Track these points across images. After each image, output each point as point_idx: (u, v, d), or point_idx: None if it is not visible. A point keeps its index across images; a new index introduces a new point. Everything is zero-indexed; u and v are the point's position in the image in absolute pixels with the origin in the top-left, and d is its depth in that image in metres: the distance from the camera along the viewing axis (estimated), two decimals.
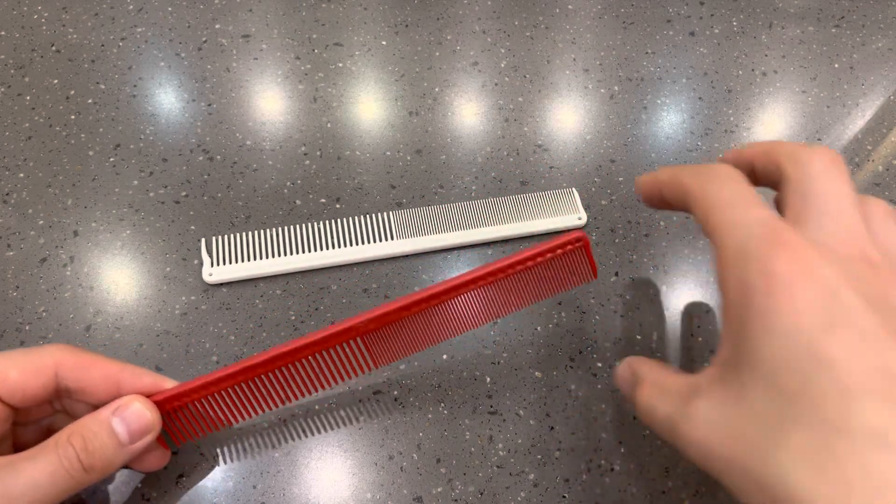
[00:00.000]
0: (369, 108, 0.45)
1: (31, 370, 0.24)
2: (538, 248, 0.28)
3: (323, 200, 0.40)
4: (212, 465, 0.31)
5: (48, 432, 0.28)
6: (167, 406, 0.27)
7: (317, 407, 0.32)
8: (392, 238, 0.38)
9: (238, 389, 0.28)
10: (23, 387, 0.24)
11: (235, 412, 0.28)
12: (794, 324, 0.18)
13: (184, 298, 0.36)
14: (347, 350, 0.28)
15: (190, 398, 0.27)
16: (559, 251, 0.28)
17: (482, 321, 0.29)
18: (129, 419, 0.25)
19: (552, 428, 0.32)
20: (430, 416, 0.32)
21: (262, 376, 0.27)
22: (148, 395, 0.26)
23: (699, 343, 0.35)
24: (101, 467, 0.24)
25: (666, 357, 0.35)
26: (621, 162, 0.43)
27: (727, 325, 0.20)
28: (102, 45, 0.48)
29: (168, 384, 0.27)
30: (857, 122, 0.46)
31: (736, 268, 0.20)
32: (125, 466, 0.28)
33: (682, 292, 0.37)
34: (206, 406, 0.28)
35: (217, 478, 0.30)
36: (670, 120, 0.45)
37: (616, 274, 0.38)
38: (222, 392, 0.27)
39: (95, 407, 0.26)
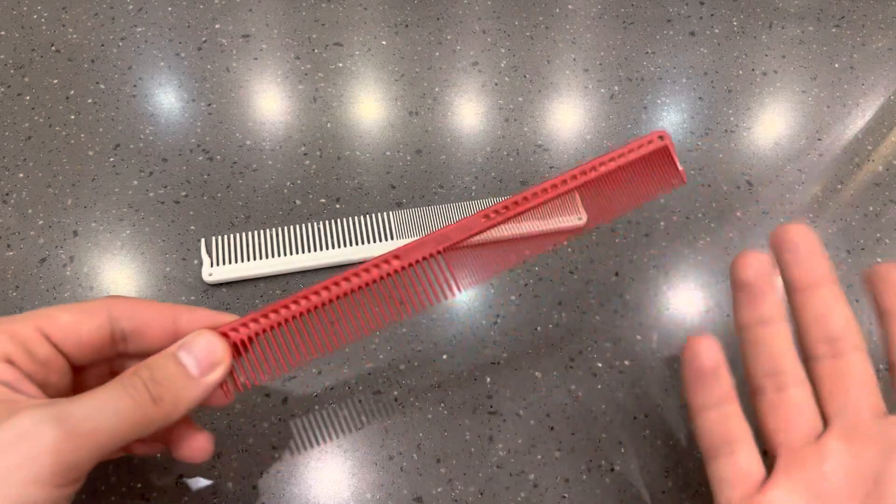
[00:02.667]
0: (369, 107, 0.45)
1: (84, 311, 0.23)
2: (617, 150, 0.26)
3: (323, 200, 0.40)
4: (212, 465, 0.31)
5: None
6: (232, 338, 0.25)
7: (316, 407, 0.32)
8: (392, 238, 0.38)
9: (312, 317, 0.25)
10: (76, 329, 0.23)
11: (309, 346, 0.25)
12: None
13: (183, 298, 0.36)
14: (429, 270, 0.25)
15: (259, 326, 0.25)
16: (641, 150, 0.26)
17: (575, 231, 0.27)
18: (196, 350, 0.23)
19: (552, 428, 0.32)
20: (429, 416, 0.32)
21: (339, 299, 0.25)
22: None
23: None
24: (170, 399, 0.22)
25: (666, 357, 0.35)
26: None
27: None
28: (102, 45, 0.48)
29: (227, 318, 0.25)
30: (858, 121, 0.46)
31: None
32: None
33: (682, 292, 0.37)
34: (276, 340, 0.25)
35: (217, 478, 0.30)
36: (670, 120, 0.45)
37: (616, 274, 0.38)
38: (295, 319, 0.25)
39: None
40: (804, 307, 0.26)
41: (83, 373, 0.24)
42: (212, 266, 0.37)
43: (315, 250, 0.37)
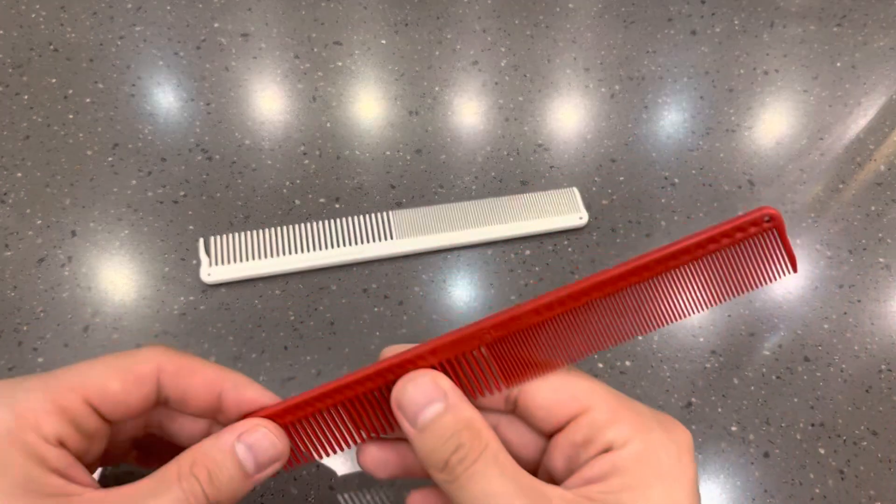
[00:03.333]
0: (369, 107, 0.45)
1: (133, 380, 0.22)
2: (713, 231, 0.21)
3: (322, 200, 0.40)
4: None
5: (134, 440, 0.25)
6: (280, 421, 0.23)
7: None
8: (392, 238, 0.38)
9: (362, 403, 0.23)
10: (125, 399, 0.22)
11: (355, 431, 0.23)
12: None
13: (182, 299, 0.36)
14: (472, 362, 0.22)
15: (307, 412, 0.23)
16: (740, 234, 0.21)
17: (642, 328, 0.23)
18: (256, 447, 0.22)
19: None
20: None
21: (385, 389, 0.23)
22: (257, 411, 0.23)
23: (700, 343, 0.35)
24: (227, 499, 0.21)
25: (666, 357, 0.35)
26: (622, 161, 0.43)
27: None
28: (101, 44, 0.47)
29: (273, 399, 0.23)
30: (859, 121, 0.46)
31: None
32: None
33: None
34: (322, 425, 0.23)
35: None
36: (671, 119, 0.45)
37: None
38: (343, 406, 0.23)
39: (193, 417, 0.23)
40: None
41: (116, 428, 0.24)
42: (210, 266, 0.36)
43: (314, 250, 0.37)
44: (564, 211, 0.39)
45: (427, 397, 0.21)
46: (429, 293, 0.36)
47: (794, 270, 0.22)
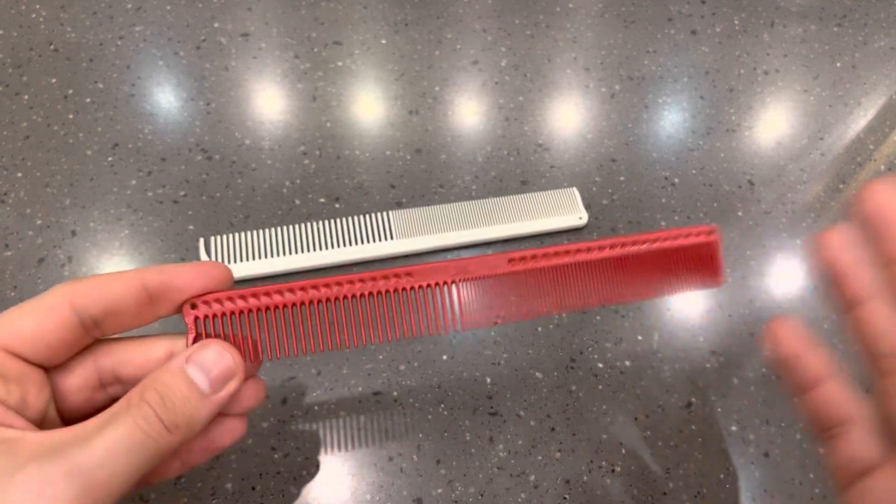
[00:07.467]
0: (369, 107, 0.45)
1: (43, 312, 0.20)
2: (664, 232, 0.25)
3: (322, 200, 0.40)
4: (210, 465, 0.30)
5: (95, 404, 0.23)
6: (216, 310, 0.22)
7: (316, 408, 0.32)
8: (392, 238, 0.38)
9: (306, 310, 0.23)
10: (41, 334, 0.20)
11: (293, 342, 0.23)
12: None
13: None
14: (438, 297, 0.24)
15: (248, 305, 0.23)
16: (683, 239, 0.25)
17: (595, 300, 0.25)
18: (206, 364, 0.21)
19: (553, 429, 0.32)
20: (429, 416, 0.32)
21: (339, 301, 0.23)
22: (198, 296, 0.22)
23: (700, 343, 0.35)
24: (185, 424, 0.20)
25: (666, 357, 0.35)
26: (622, 161, 0.43)
27: None
28: (101, 44, 0.47)
29: (198, 277, 0.22)
30: (860, 121, 0.46)
31: None
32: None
33: (683, 292, 0.37)
34: (264, 325, 0.23)
35: (216, 479, 0.30)
36: (672, 119, 0.45)
37: None
38: (287, 309, 0.23)
39: (143, 346, 0.22)
40: None
41: (64, 371, 0.22)
42: None
43: (314, 250, 0.37)
44: (564, 211, 0.39)
45: None
46: None
47: (719, 285, 0.26)
